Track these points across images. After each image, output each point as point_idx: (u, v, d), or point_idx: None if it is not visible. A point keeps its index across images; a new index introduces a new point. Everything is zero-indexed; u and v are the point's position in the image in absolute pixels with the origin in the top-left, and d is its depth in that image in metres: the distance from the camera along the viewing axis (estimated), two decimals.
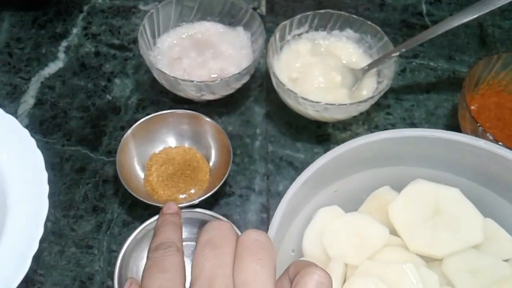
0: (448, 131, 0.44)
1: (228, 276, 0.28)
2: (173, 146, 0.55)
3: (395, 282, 0.40)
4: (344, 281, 0.41)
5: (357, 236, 0.43)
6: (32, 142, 0.51)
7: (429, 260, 0.43)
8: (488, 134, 0.48)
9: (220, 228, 0.30)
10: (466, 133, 0.51)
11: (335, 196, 0.45)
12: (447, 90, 0.62)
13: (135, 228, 0.47)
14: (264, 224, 0.52)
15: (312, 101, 0.51)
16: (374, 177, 0.46)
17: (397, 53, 0.54)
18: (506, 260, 0.43)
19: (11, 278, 0.42)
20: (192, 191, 0.52)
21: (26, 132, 0.51)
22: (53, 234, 0.51)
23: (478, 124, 0.49)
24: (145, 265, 0.32)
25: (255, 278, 0.28)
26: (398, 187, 0.46)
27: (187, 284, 0.30)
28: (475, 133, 0.50)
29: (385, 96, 0.56)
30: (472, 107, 0.55)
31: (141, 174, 0.53)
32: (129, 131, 0.53)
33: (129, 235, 0.47)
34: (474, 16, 0.51)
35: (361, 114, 0.56)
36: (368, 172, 0.46)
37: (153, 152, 0.54)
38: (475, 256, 0.43)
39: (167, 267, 0.31)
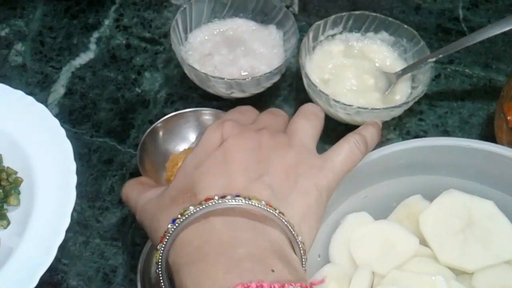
0: (484, 142, 0.43)
1: (281, 126, 0.37)
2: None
3: None
4: None
5: (385, 245, 0.42)
6: (62, 132, 0.51)
7: (459, 273, 0.42)
8: None
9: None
10: (502, 144, 0.50)
11: (365, 202, 0.44)
12: (483, 99, 0.60)
13: None
14: None
15: (344, 104, 0.50)
16: (406, 185, 0.45)
17: (434, 59, 0.53)
18: None
19: (37, 266, 0.43)
20: None
21: (56, 122, 0.51)
22: (78, 225, 0.51)
23: None
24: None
25: (303, 129, 0.36)
26: (430, 197, 0.45)
27: None
28: (511, 145, 0.48)
29: (418, 101, 0.54)
30: (509, 117, 0.53)
31: (164, 174, 0.52)
32: (150, 129, 0.52)
33: None
34: None
35: (393, 119, 0.55)
36: (399, 179, 0.45)
37: (174, 153, 0.53)
38: (507, 272, 0.41)
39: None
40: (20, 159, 0.51)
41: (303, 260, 0.32)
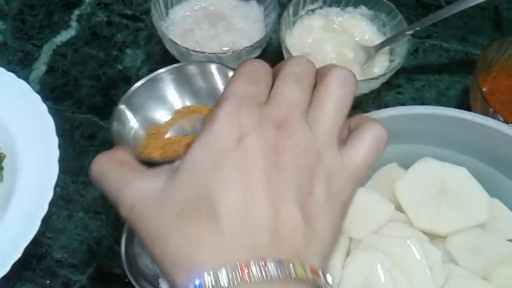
0: (457, 109, 0.44)
1: (307, 92, 0.29)
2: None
3: (399, 256, 0.40)
4: (348, 254, 0.42)
5: (362, 211, 0.43)
6: (44, 107, 0.51)
7: (433, 237, 0.43)
8: (498, 115, 0.48)
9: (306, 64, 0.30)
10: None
11: None
12: (459, 72, 0.61)
13: None
14: None
15: None
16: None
17: (411, 32, 0.54)
18: (510, 240, 0.43)
19: (21, 238, 0.43)
20: None
21: (38, 97, 0.52)
22: (62, 199, 0.51)
23: (489, 105, 0.49)
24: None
25: (334, 111, 0.29)
26: (405, 165, 0.46)
27: None
28: (485, 115, 0.50)
29: (396, 75, 0.55)
30: (483, 89, 0.55)
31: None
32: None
33: None
34: None
35: (372, 92, 0.56)
36: None
37: (153, 122, 0.44)
38: (479, 235, 0.43)
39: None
40: (2, 135, 0.51)
41: None
